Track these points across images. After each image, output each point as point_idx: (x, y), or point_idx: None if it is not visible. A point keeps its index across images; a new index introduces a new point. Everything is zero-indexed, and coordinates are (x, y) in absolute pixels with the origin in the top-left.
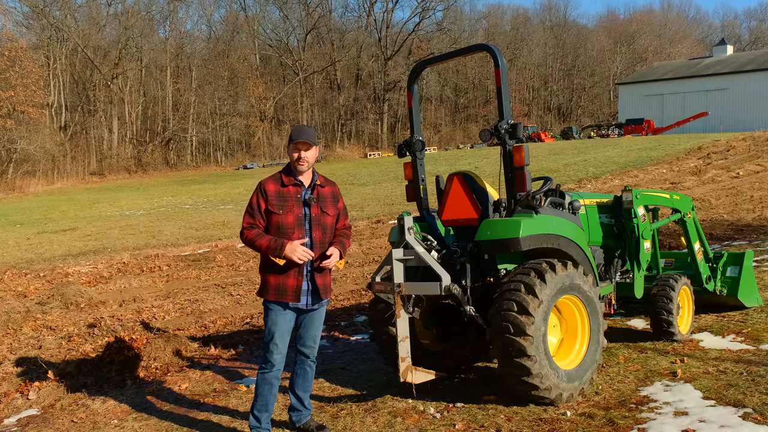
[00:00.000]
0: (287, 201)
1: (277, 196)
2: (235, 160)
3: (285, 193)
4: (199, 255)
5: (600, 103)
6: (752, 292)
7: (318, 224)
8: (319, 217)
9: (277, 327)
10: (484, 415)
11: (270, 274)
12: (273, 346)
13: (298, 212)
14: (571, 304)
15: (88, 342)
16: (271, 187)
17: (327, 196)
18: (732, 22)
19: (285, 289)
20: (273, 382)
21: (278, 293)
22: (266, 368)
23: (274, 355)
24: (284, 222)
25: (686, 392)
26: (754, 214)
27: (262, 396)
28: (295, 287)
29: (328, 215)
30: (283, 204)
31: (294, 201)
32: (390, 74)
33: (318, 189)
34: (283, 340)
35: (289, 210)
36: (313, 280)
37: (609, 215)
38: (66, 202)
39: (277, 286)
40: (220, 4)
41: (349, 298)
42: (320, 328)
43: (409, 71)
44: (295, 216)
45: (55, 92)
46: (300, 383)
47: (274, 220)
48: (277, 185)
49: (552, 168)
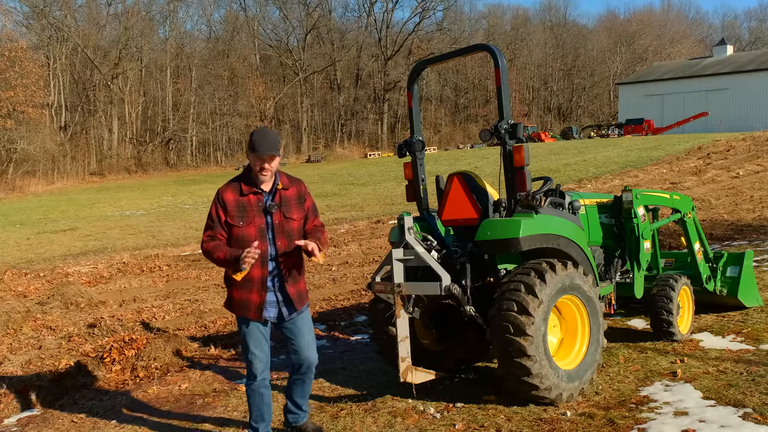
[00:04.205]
0: (248, 211)
1: (237, 207)
2: (235, 160)
3: (245, 202)
4: (199, 255)
5: (600, 103)
6: (752, 292)
7: (282, 232)
8: (283, 224)
9: (250, 338)
10: (484, 415)
11: (232, 288)
12: (251, 356)
13: (259, 223)
14: (571, 304)
15: (88, 342)
16: (230, 196)
17: (291, 199)
18: (732, 22)
19: (247, 305)
20: (263, 392)
21: (241, 308)
22: (250, 380)
23: (254, 365)
24: (245, 234)
25: (686, 392)
26: (754, 214)
27: (256, 407)
28: (259, 303)
29: (293, 220)
30: (243, 215)
31: (255, 211)
32: (390, 74)
33: (280, 193)
34: (260, 348)
35: (250, 221)
36: (283, 290)
37: (609, 215)
38: (66, 202)
39: (240, 302)
40: (220, 4)
41: (349, 298)
42: (312, 333)
43: (409, 71)
44: (257, 227)
45: (55, 92)
46: (298, 391)
47: (235, 232)
48: (236, 194)
49: (552, 168)
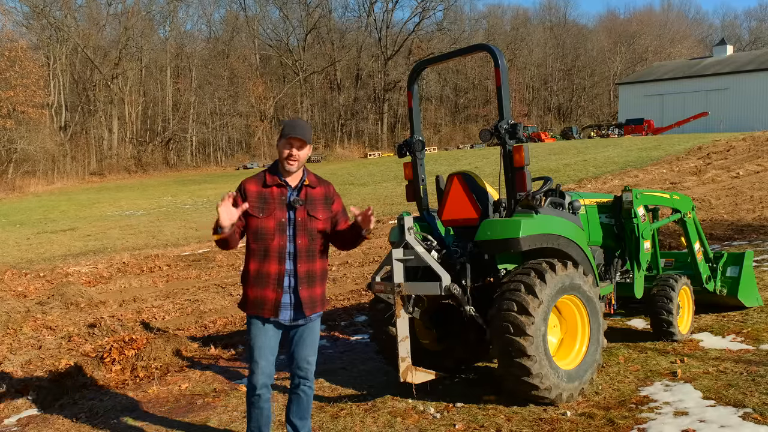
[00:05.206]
0: (269, 203)
1: (258, 198)
2: (235, 160)
3: (267, 194)
4: (199, 255)
5: (600, 103)
6: (752, 292)
7: (304, 230)
8: (306, 222)
9: (258, 344)
10: (484, 415)
11: (248, 285)
12: (254, 365)
13: (280, 216)
14: (571, 304)
15: (88, 342)
16: (253, 187)
17: (317, 198)
18: (732, 22)
19: (263, 302)
20: (262, 406)
21: (256, 307)
22: (250, 391)
23: (256, 376)
24: (264, 226)
25: (686, 392)
26: (754, 214)
27: (254, 420)
28: (274, 300)
29: (318, 219)
30: (263, 207)
31: (276, 204)
32: (390, 74)
33: (307, 190)
34: (265, 359)
35: (270, 213)
36: (296, 293)
37: (609, 215)
38: (66, 202)
39: (255, 299)
40: (220, 4)
41: (349, 298)
42: (314, 348)
43: (409, 71)
44: (277, 220)
45: (55, 92)
46: (294, 409)
47: (253, 224)
48: (259, 186)
49: (552, 168)
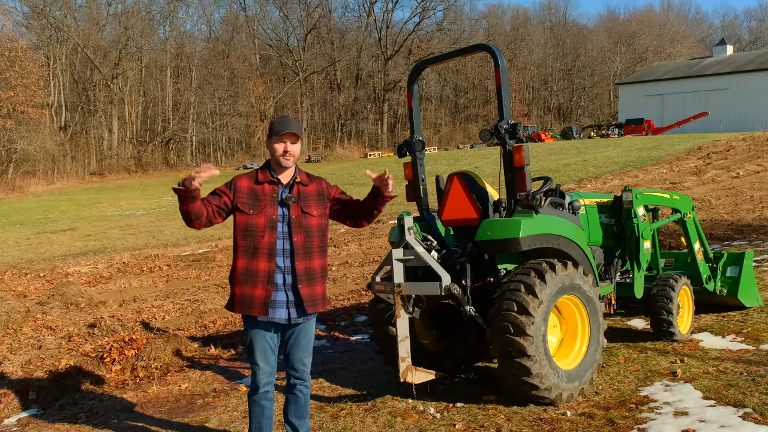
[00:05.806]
0: (260, 200)
1: (249, 194)
2: (236, 160)
3: (258, 191)
4: (199, 255)
5: (600, 103)
6: (752, 292)
7: (299, 227)
8: (301, 219)
9: (255, 344)
10: (484, 415)
11: (236, 284)
12: (254, 366)
13: (271, 213)
14: (571, 304)
15: (88, 342)
16: (244, 183)
17: (310, 195)
18: (732, 22)
19: (251, 300)
20: (264, 404)
21: (244, 305)
22: (252, 390)
23: (258, 377)
24: (254, 223)
25: (686, 392)
26: (754, 214)
27: (255, 419)
28: (264, 298)
29: (312, 216)
30: (254, 203)
31: (268, 201)
32: (390, 74)
33: (299, 188)
34: (265, 359)
35: (261, 210)
36: (295, 290)
37: (609, 215)
38: (66, 202)
39: (242, 297)
40: (220, 4)
41: (349, 298)
42: (309, 349)
43: (409, 71)
44: (267, 217)
45: (55, 92)
46: (292, 409)
47: (243, 220)
48: (251, 182)
49: (552, 168)
